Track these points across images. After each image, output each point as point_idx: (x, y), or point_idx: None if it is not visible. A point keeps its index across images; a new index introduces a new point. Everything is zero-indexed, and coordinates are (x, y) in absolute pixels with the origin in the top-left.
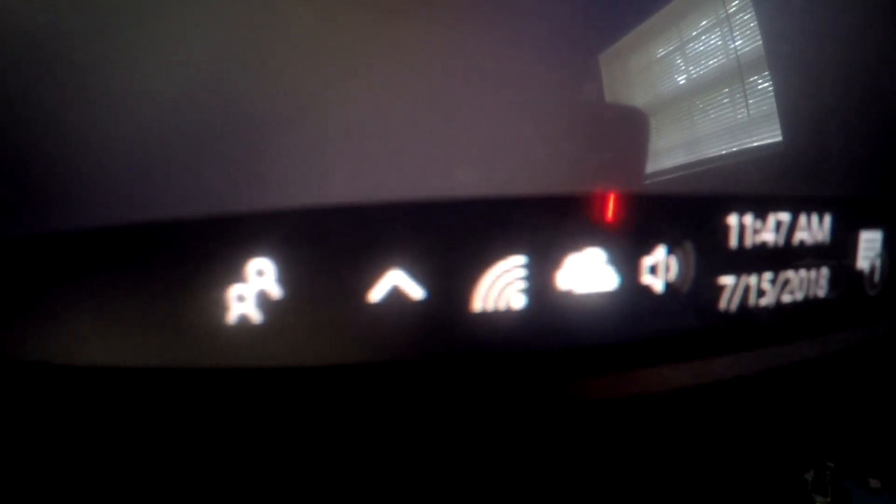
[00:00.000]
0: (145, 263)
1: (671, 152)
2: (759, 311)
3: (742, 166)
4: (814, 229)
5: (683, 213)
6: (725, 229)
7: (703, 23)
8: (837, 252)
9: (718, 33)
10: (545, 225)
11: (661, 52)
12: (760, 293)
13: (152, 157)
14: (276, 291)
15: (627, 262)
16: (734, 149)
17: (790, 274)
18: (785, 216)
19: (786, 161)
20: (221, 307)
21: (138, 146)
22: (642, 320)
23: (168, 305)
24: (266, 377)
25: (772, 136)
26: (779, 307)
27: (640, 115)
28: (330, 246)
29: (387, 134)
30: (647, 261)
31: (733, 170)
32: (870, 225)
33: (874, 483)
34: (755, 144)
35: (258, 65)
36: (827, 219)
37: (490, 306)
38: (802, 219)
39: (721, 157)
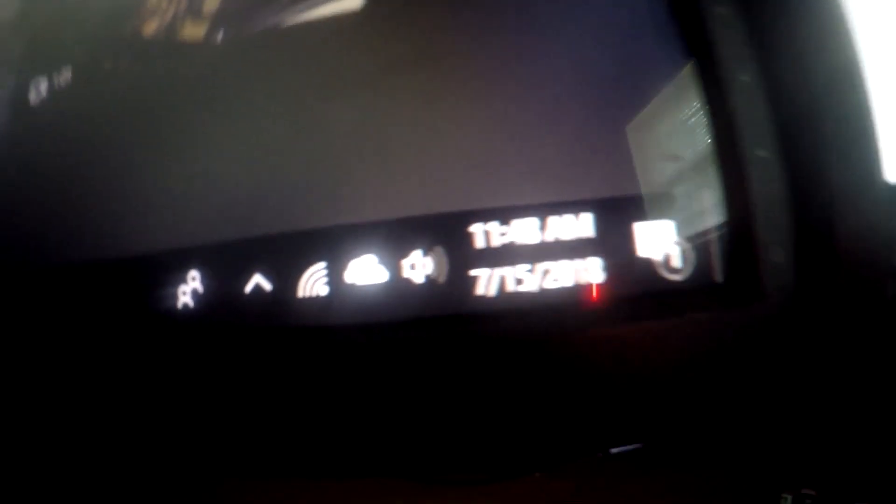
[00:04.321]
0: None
1: None
2: (520, 296)
3: None
4: (568, 228)
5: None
6: (470, 235)
7: None
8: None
9: None
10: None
11: None
12: (518, 281)
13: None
14: (200, 288)
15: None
16: None
17: (549, 264)
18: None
19: None
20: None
21: None
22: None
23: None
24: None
25: None
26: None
27: None
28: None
29: None
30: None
31: None
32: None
33: None
34: None
35: None
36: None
37: (310, 293)
38: (551, 220)
39: None
